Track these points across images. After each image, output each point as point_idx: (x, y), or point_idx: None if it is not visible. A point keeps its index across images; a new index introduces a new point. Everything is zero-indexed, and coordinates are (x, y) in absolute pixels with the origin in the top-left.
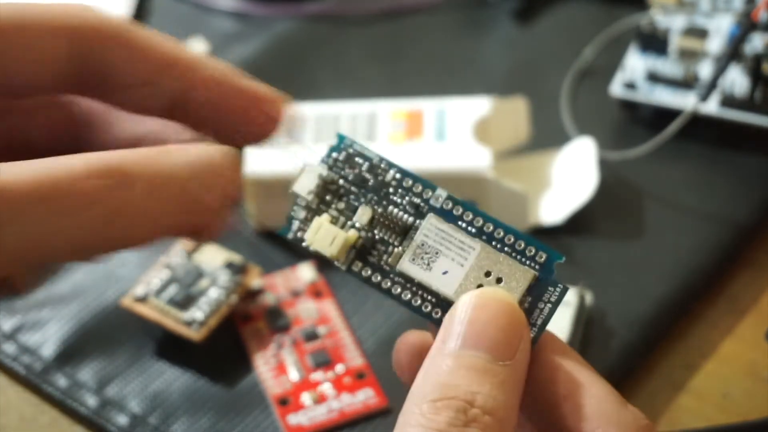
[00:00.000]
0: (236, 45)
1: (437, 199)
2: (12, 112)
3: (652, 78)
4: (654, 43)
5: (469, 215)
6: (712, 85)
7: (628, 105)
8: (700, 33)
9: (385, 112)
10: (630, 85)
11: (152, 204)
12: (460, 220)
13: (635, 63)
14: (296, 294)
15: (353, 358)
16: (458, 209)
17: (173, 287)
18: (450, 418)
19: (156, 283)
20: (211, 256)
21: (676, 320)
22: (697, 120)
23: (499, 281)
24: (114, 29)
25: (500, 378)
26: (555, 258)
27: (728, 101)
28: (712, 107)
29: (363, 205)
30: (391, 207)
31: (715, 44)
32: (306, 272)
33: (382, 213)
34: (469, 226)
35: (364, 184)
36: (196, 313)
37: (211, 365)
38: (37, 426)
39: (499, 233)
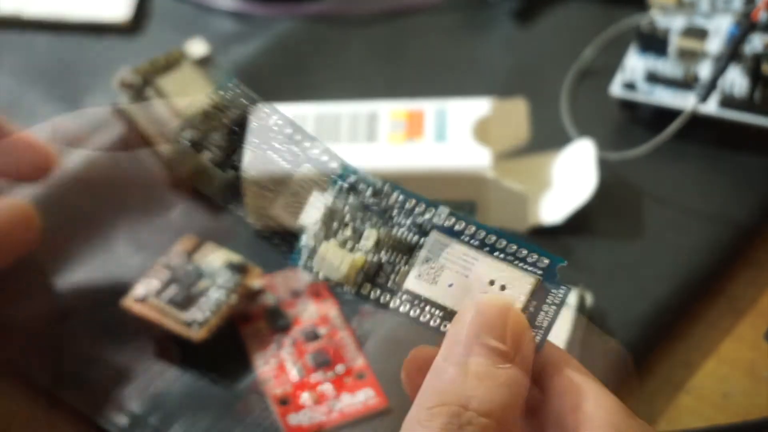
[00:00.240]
0: (236, 45)
1: (439, 217)
2: None
3: (652, 78)
4: (654, 43)
5: (471, 229)
6: (712, 85)
7: (627, 105)
8: (700, 33)
9: (386, 112)
10: (630, 86)
11: None
12: (462, 235)
13: (635, 63)
14: (296, 294)
15: (353, 358)
16: (461, 224)
17: (173, 288)
18: (443, 423)
19: (156, 283)
20: (212, 257)
21: (676, 320)
22: (697, 120)
23: (503, 289)
24: None
25: (499, 381)
26: (557, 262)
27: (728, 101)
28: (711, 107)
29: (368, 228)
30: (396, 228)
31: (714, 44)
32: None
33: (387, 235)
34: (472, 239)
35: (369, 209)
36: (196, 313)
37: (211, 365)
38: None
39: (501, 243)
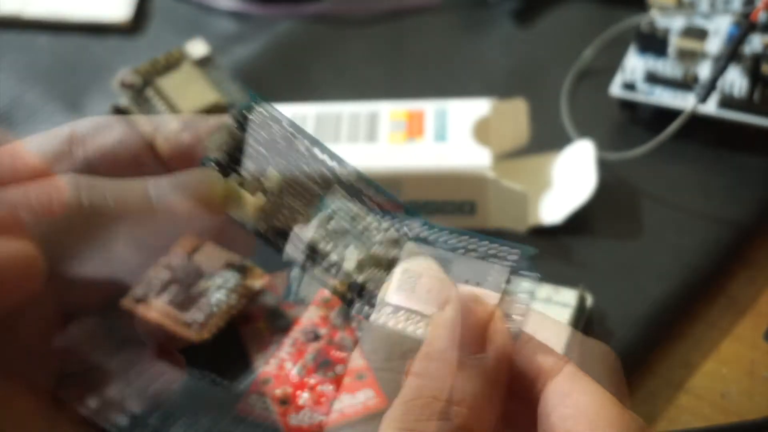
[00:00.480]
0: (236, 45)
1: (412, 231)
2: None
3: (652, 79)
4: (653, 43)
5: (443, 236)
6: (711, 85)
7: (627, 105)
8: (700, 34)
9: (386, 112)
10: (629, 86)
11: None
12: (436, 243)
13: (635, 64)
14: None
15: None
16: (433, 234)
17: (173, 288)
18: (417, 415)
19: (156, 283)
20: (212, 257)
21: (675, 320)
22: (696, 120)
23: (478, 285)
24: None
25: (471, 371)
26: (526, 253)
27: (727, 102)
28: (711, 108)
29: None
30: (375, 247)
31: (714, 45)
32: None
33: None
34: (445, 245)
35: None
36: (196, 314)
37: (211, 366)
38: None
39: (472, 244)
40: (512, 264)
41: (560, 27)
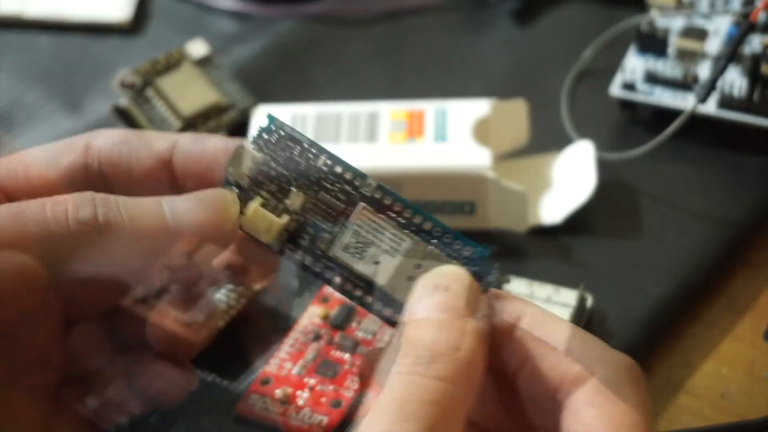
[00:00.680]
0: (236, 45)
1: (368, 188)
2: None
3: (652, 79)
4: (653, 44)
5: (399, 206)
6: (711, 85)
7: (627, 105)
8: (699, 34)
9: (386, 112)
10: (629, 86)
11: None
12: (390, 211)
13: (635, 64)
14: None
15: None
16: (388, 199)
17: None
18: (416, 357)
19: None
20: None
21: (675, 320)
22: (696, 121)
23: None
24: None
25: (462, 330)
26: (480, 253)
27: (727, 102)
28: (710, 108)
29: (295, 189)
30: (323, 193)
31: (713, 45)
32: None
33: (314, 198)
34: (399, 217)
35: (296, 168)
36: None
37: (211, 366)
38: None
39: (427, 226)
40: (465, 262)
41: (560, 27)
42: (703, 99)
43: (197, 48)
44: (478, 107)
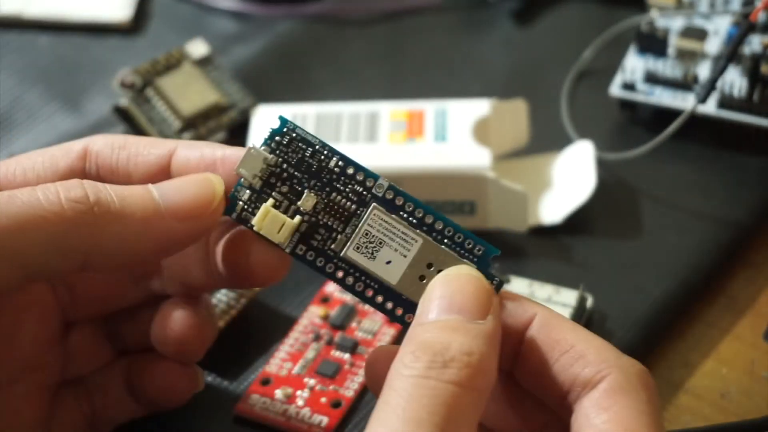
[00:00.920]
0: (236, 45)
1: (380, 188)
2: None
3: (652, 79)
4: (653, 44)
5: (410, 206)
6: (711, 86)
7: (627, 106)
8: (699, 34)
9: (386, 112)
10: (629, 86)
11: None
12: (402, 211)
13: (634, 64)
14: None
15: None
16: (400, 199)
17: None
18: (428, 362)
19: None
20: None
21: (675, 320)
22: (696, 121)
23: (439, 273)
24: None
25: (474, 333)
26: (491, 252)
27: (727, 102)
28: (710, 108)
29: (307, 190)
30: (335, 194)
31: (713, 45)
32: None
33: (326, 199)
34: (411, 217)
35: (308, 169)
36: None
37: (212, 366)
38: None
39: (439, 225)
40: (477, 260)
41: (560, 27)
42: (703, 99)
43: (197, 48)
44: (478, 107)
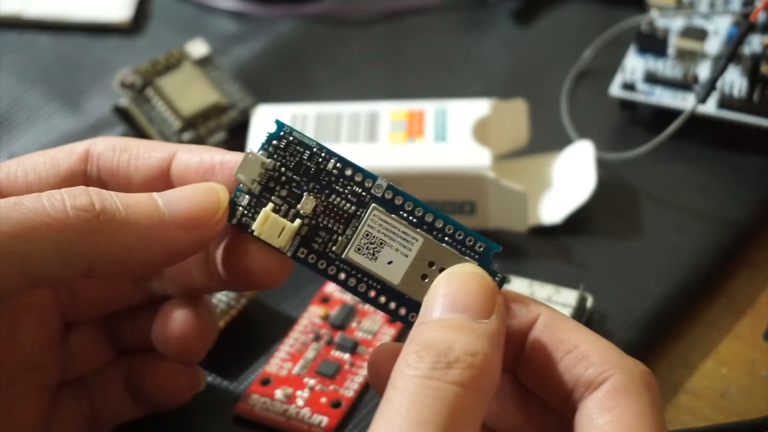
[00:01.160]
0: (236, 45)
1: (378, 189)
2: None
3: (651, 79)
4: (653, 44)
5: (410, 205)
6: (711, 86)
7: (627, 106)
8: (699, 34)
9: (386, 112)
10: (629, 86)
11: None
12: (401, 210)
13: (634, 64)
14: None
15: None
16: (399, 199)
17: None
18: (432, 362)
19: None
20: None
21: (675, 320)
22: (696, 121)
23: (441, 271)
24: None
25: (478, 332)
26: (492, 248)
27: (727, 102)
28: (710, 108)
29: (306, 193)
30: (334, 196)
31: (713, 45)
32: None
33: (325, 201)
34: (411, 216)
35: (306, 172)
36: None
37: (212, 366)
38: None
39: (439, 223)
40: (478, 257)
41: (560, 27)
42: (703, 99)
43: (197, 48)
44: (478, 107)
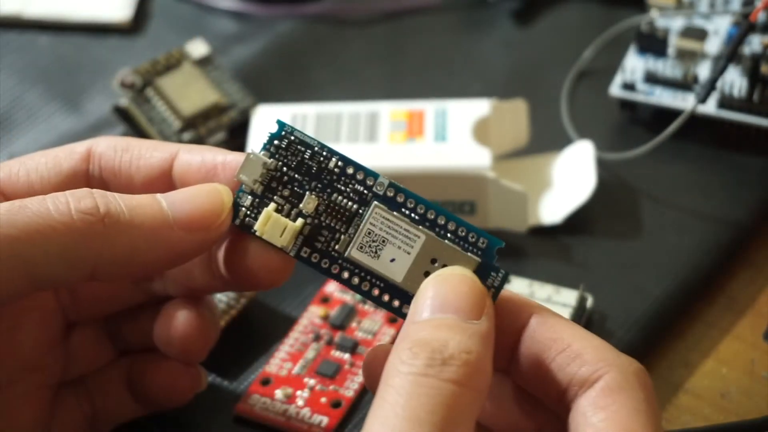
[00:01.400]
0: (236, 45)
1: (380, 187)
2: None
3: (651, 79)
4: (653, 44)
5: (412, 202)
6: (711, 86)
7: (627, 106)
8: (699, 34)
9: (386, 112)
10: (629, 86)
11: None
12: (403, 207)
13: (634, 64)
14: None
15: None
16: (401, 197)
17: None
18: (427, 359)
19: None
20: None
21: (675, 320)
22: (696, 121)
23: (444, 267)
24: None
25: (470, 332)
26: (495, 244)
27: (727, 102)
28: (710, 108)
29: (308, 192)
30: (336, 194)
31: (713, 45)
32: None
33: (327, 200)
34: (413, 213)
35: (308, 172)
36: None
37: (212, 366)
38: None
39: (441, 220)
40: (481, 253)
41: (560, 27)
42: (703, 99)
43: (197, 48)
44: (478, 107)
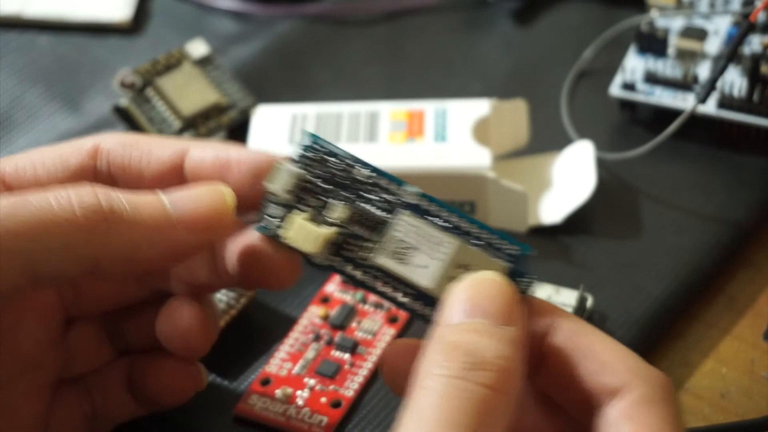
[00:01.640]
0: (236, 45)
1: (407, 194)
2: None
3: (651, 79)
4: (653, 44)
5: (440, 210)
6: (711, 86)
7: (627, 106)
8: (699, 34)
9: (386, 112)
10: (629, 86)
11: None
12: (432, 216)
13: (634, 64)
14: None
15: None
16: (430, 205)
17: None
18: (462, 363)
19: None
20: None
21: (675, 320)
22: (696, 121)
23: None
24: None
25: (503, 337)
26: (526, 251)
27: (727, 102)
28: (710, 108)
29: (337, 202)
30: (363, 203)
31: (713, 45)
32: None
33: (355, 209)
34: (439, 220)
35: (337, 182)
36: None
37: (212, 366)
38: None
39: (470, 228)
40: (511, 260)
41: (560, 27)
42: (703, 99)
43: (197, 48)
44: (478, 107)
